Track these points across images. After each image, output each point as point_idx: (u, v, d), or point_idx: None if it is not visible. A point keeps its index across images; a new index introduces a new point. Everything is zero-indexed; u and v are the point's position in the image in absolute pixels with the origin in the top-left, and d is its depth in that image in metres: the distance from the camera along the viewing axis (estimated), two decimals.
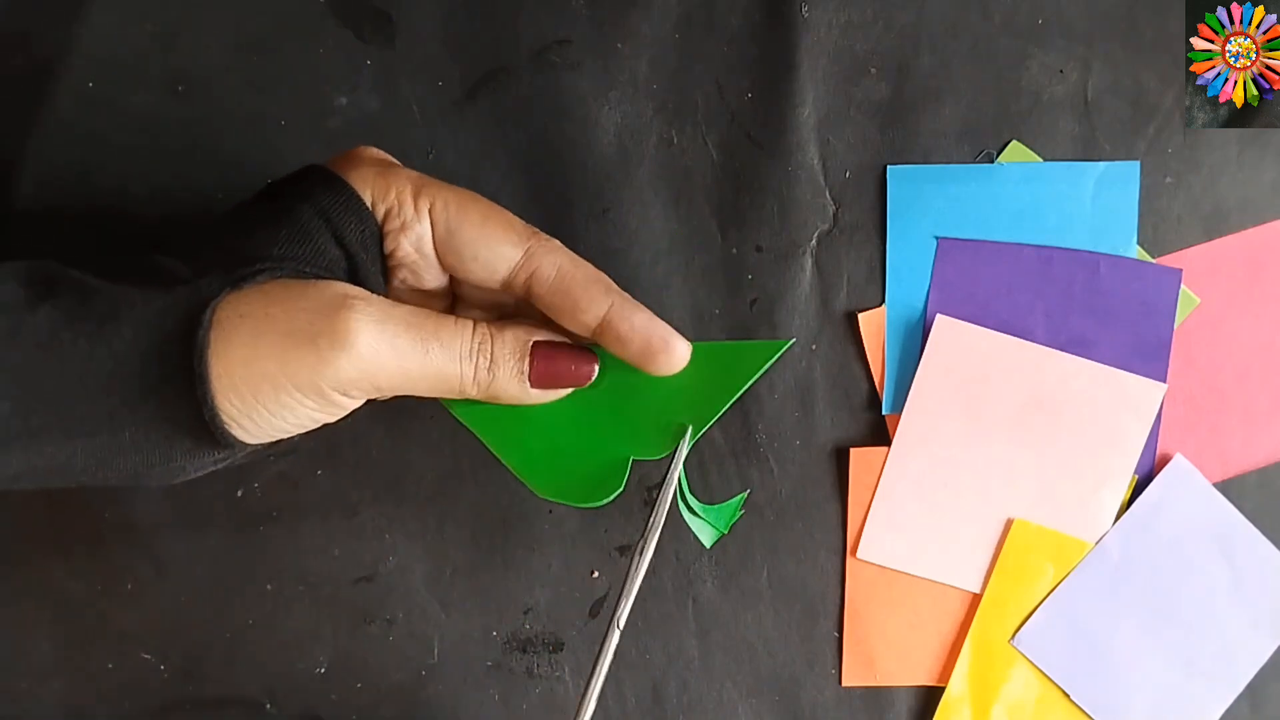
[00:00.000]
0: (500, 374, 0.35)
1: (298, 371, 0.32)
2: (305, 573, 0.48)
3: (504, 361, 0.35)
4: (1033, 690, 0.47)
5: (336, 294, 0.33)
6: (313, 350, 0.32)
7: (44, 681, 0.48)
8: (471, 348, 0.35)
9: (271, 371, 0.31)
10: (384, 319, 0.33)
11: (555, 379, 0.36)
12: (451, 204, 0.36)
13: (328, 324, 0.32)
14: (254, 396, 0.32)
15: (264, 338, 0.31)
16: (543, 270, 0.37)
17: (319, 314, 0.32)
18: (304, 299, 0.32)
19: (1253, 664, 0.47)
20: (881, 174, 0.47)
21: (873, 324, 0.47)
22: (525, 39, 0.47)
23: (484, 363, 0.35)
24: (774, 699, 0.48)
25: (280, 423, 0.33)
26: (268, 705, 0.48)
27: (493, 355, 0.35)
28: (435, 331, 0.34)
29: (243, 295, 0.32)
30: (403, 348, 0.33)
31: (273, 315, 0.32)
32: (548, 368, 0.36)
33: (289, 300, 0.32)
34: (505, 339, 0.36)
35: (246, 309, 0.32)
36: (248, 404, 0.32)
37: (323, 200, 0.35)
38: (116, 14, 0.46)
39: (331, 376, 0.32)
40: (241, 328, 0.32)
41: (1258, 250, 0.47)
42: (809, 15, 0.47)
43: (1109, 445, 0.46)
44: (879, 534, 0.47)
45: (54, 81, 0.46)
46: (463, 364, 0.34)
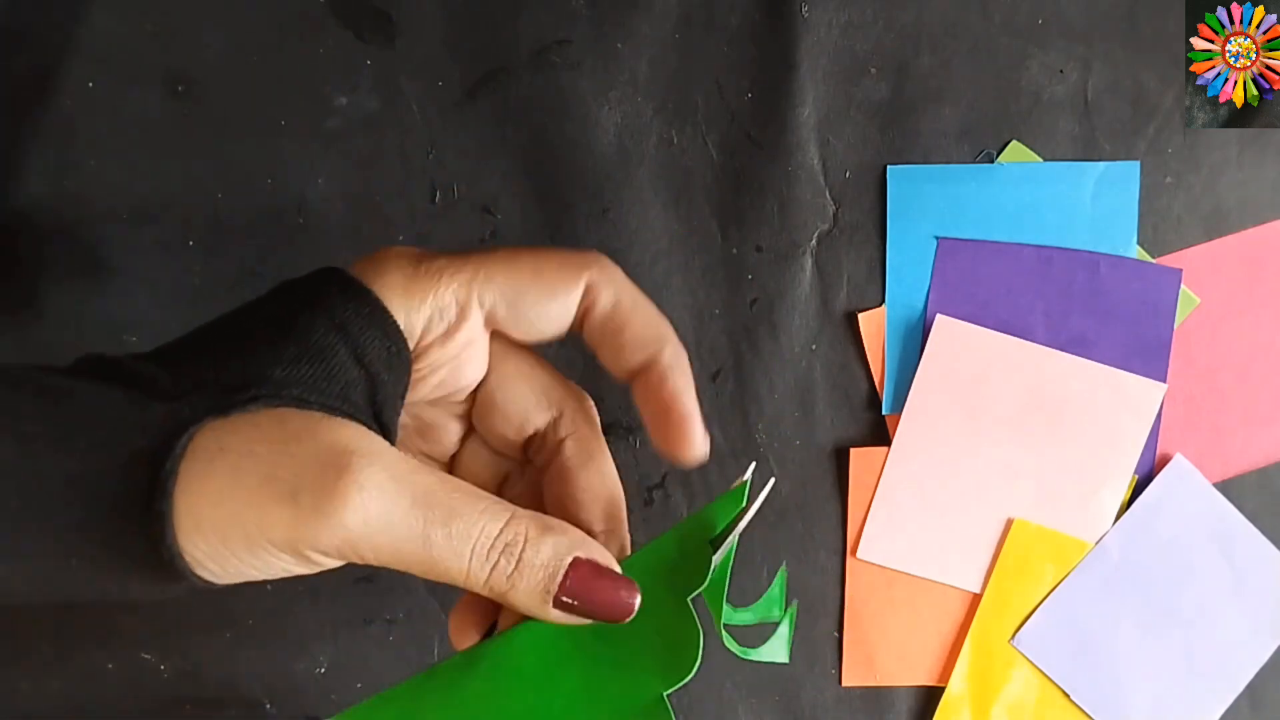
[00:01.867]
0: (523, 585, 0.29)
1: (272, 527, 0.27)
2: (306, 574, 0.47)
3: (531, 572, 0.29)
4: (1033, 690, 0.47)
5: (336, 446, 0.27)
6: (292, 507, 0.26)
7: (44, 681, 0.48)
8: (494, 545, 0.28)
9: (245, 521, 0.27)
10: (386, 488, 0.27)
11: (587, 608, 0.29)
12: (498, 276, 0.32)
13: (316, 481, 0.27)
14: (222, 542, 0.27)
15: (242, 479, 0.27)
16: (600, 302, 0.33)
17: (309, 467, 0.27)
18: (296, 442, 0.27)
19: (1253, 664, 0.47)
20: (881, 174, 0.47)
21: (873, 324, 0.47)
22: (525, 39, 0.47)
23: (507, 567, 0.29)
24: (774, 699, 0.48)
25: (250, 571, 0.28)
26: (268, 705, 0.48)
27: (520, 561, 0.29)
28: (447, 516, 0.28)
29: (228, 424, 0.27)
30: (399, 526, 0.27)
31: (256, 454, 0.27)
32: (583, 591, 0.29)
33: (279, 440, 0.27)
34: (542, 548, 0.29)
35: (229, 441, 0.27)
36: (215, 549, 0.27)
37: (342, 313, 0.30)
38: (116, 14, 0.46)
39: (309, 540, 0.27)
40: (219, 463, 0.27)
41: (1258, 250, 0.47)
42: (809, 15, 0.47)
43: (1109, 445, 0.46)
44: (879, 534, 0.47)
45: (54, 81, 0.46)
46: (473, 561, 0.28)
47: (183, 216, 0.47)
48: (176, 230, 0.46)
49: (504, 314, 0.32)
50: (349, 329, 0.30)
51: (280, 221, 0.47)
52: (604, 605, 0.30)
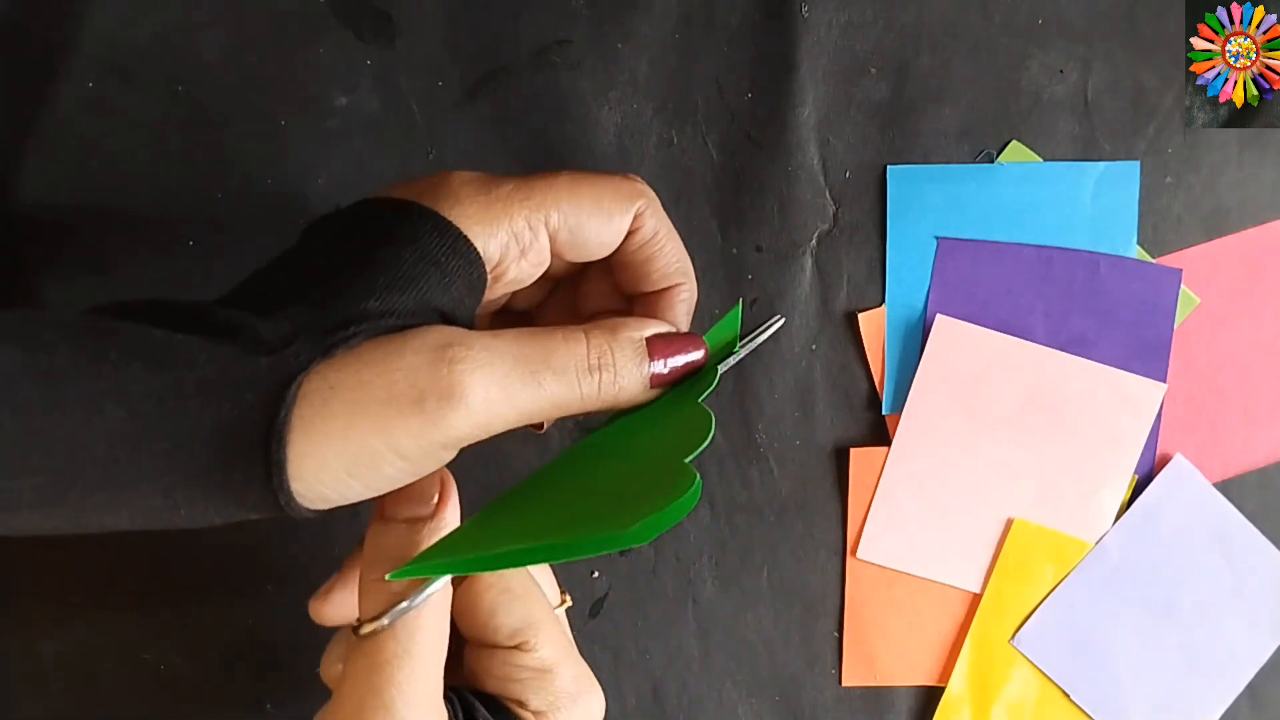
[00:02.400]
0: (625, 383, 0.32)
1: (403, 439, 0.29)
2: (305, 573, 0.47)
3: (627, 370, 0.32)
4: (1033, 690, 0.47)
5: (436, 344, 0.30)
6: (419, 414, 0.29)
7: (44, 681, 0.48)
8: (590, 364, 0.32)
9: (373, 445, 0.29)
10: (491, 360, 0.30)
11: (676, 373, 0.34)
12: (565, 206, 0.33)
13: (433, 382, 0.29)
14: (348, 473, 0.29)
15: (361, 408, 0.28)
16: (642, 231, 0.35)
17: (420, 372, 0.29)
18: (400, 356, 0.29)
19: (1253, 664, 0.47)
20: (881, 174, 0.47)
21: (873, 324, 0.47)
22: (525, 39, 0.47)
23: (609, 378, 0.32)
24: (774, 699, 0.48)
25: (371, 492, 0.30)
26: (267, 705, 0.48)
27: (616, 366, 0.32)
28: (545, 358, 0.31)
29: (337, 363, 0.29)
30: (514, 387, 0.30)
31: (367, 382, 0.29)
32: (668, 362, 0.33)
33: (385, 361, 0.29)
34: (622, 344, 0.33)
35: (337, 378, 0.29)
36: (338, 480, 0.29)
37: (427, 245, 0.31)
38: (116, 14, 0.46)
39: (442, 436, 0.29)
40: (334, 400, 0.28)
41: (1258, 250, 0.47)
42: (809, 15, 0.47)
43: (1109, 445, 0.46)
44: (879, 534, 0.47)
45: (54, 81, 0.46)
46: (582, 384, 0.31)
47: (183, 216, 0.47)
48: (176, 230, 0.46)
49: (566, 238, 0.34)
50: (438, 261, 0.31)
51: (280, 221, 0.47)
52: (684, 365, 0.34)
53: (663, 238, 0.36)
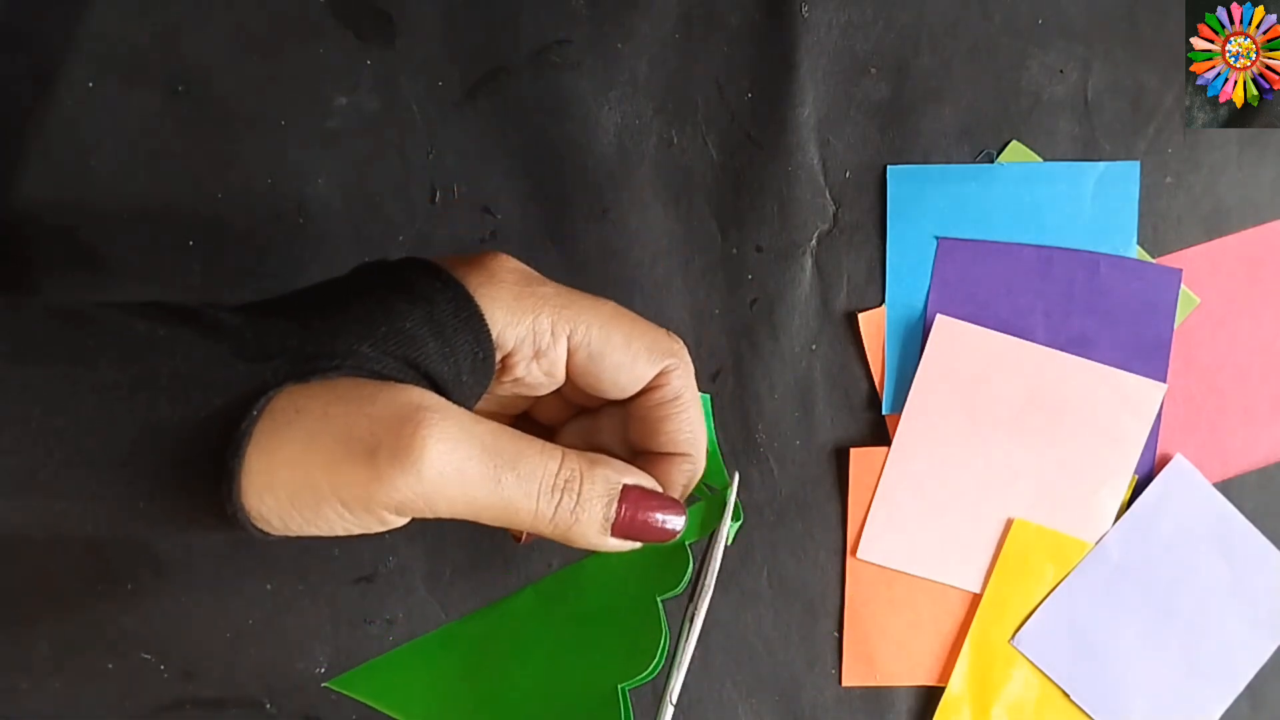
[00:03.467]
0: (584, 517, 0.31)
1: (347, 486, 0.28)
2: (305, 573, 0.48)
3: (590, 504, 0.31)
4: (1033, 690, 0.47)
5: (408, 402, 0.29)
6: (369, 465, 0.28)
7: (44, 681, 0.48)
8: (555, 484, 0.30)
9: (317, 480, 0.28)
10: (458, 439, 0.28)
11: (641, 530, 0.32)
12: (595, 328, 0.33)
13: (391, 436, 0.28)
14: (290, 502, 0.28)
15: (317, 440, 0.28)
16: (666, 391, 0.35)
17: (384, 423, 0.28)
18: (371, 403, 0.28)
19: (1253, 664, 0.47)
20: (881, 174, 0.47)
21: (873, 324, 0.47)
22: (525, 39, 0.47)
23: (569, 503, 0.31)
24: (774, 699, 0.48)
25: (312, 529, 0.29)
26: (268, 705, 0.48)
27: (580, 495, 0.31)
28: (513, 460, 0.30)
29: (307, 389, 0.29)
30: (471, 473, 0.29)
31: (331, 416, 0.28)
32: (636, 516, 0.32)
33: (353, 401, 0.28)
34: (596, 479, 0.31)
35: (305, 404, 0.28)
36: (282, 507, 0.28)
37: (440, 310, 0.31)
38: (116, 14, 0.46)
39: (385, 497, 0.28)
40: (295, 425, 0.28)
41: (1258, 250, 0.47)
42: (809, 15, 0.47)
43: (1109, 445, 0.46)
44: (879, 534, 0.47)
45: (54, 81, 0.46)
46: (540, 500, 0.30)
47: (183, 216, 0.47)
48: (176, 230, 0.46)
49: (584, 361, 0.33)
50: (445, 328, 0.31)
51: (280, 221, 0.47)
52: (654, 527, 0.32)
53: (685, 404, 0.35)
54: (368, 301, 0.31)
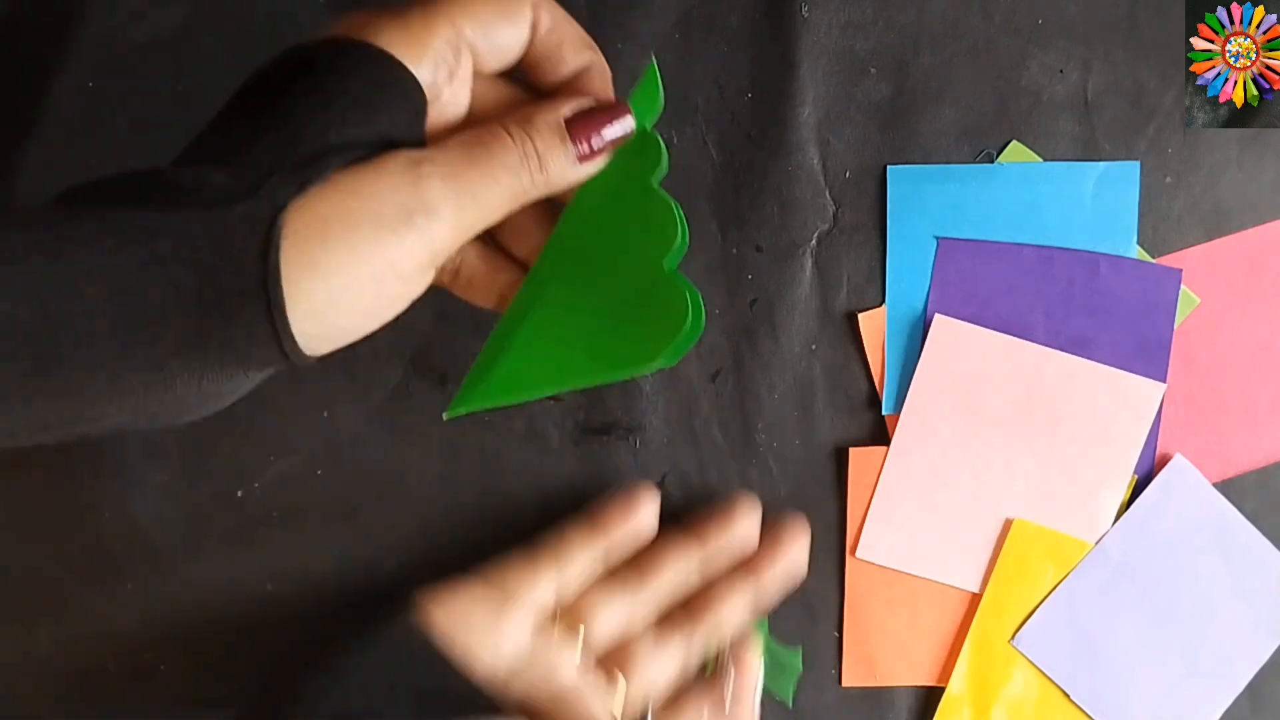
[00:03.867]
0: (550, 160, 0.34)
1: (400, 257, 0.30)
2: (305, 573, 0.47)
3: (551, 152, 0.34)
4: (1033, 690, 0.47)
5: (406, 164, 0.31)
6: (411, 230, 0.30)
7: (44, 681, 0.48)
8: (524, 151, 0.33)
9: (375, 266, 0.30)
10: (455, 171, 0.32)
11: (602, 144, 0.35)
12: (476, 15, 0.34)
13: (415, 199, 0.30)
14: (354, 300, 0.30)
15: (359, 234, 0.30)
16: (542, 24, 0.36)
17: (402, 190, 0.31)
18: (378, 180, 0.31)
19: (1253, 664, 0.47)
20: (881, 174, 0.47)
21: (873, 324, 0.47)
22: None
23: (534, 164, 0.33)
24: (774, 699, 0.48)
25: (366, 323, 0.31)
26: None
27: (539, 151, 0.33)
28: (488, 156, 0.32)
29: (314, 197, 0.30)
30: (479, 190, 0.32)
31: (355, 209, 0.30)
32: (589, 136, 0.34)
33: (366, 188, 0.30)
34: (539, 129, 0.34)
35: (325, 210, 0.30)
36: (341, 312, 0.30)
37: (371, 76, 0.32)
38: (116, 14, 0.46)
39: (432, 247, 0.31)
40: (328, 234, 0.29)
41: (1258, 250, 0.47)
42: (809, 15, 0.47)
43: (1109, 445, 0.46)
44: (878, 534, 0.47)
45: (54, 81, 0.46)
46: (521, 174, 0.33)
47: None
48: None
49: (483, 46, 0.35)
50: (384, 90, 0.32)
51: None
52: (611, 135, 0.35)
53: (562, 25, 0.36)
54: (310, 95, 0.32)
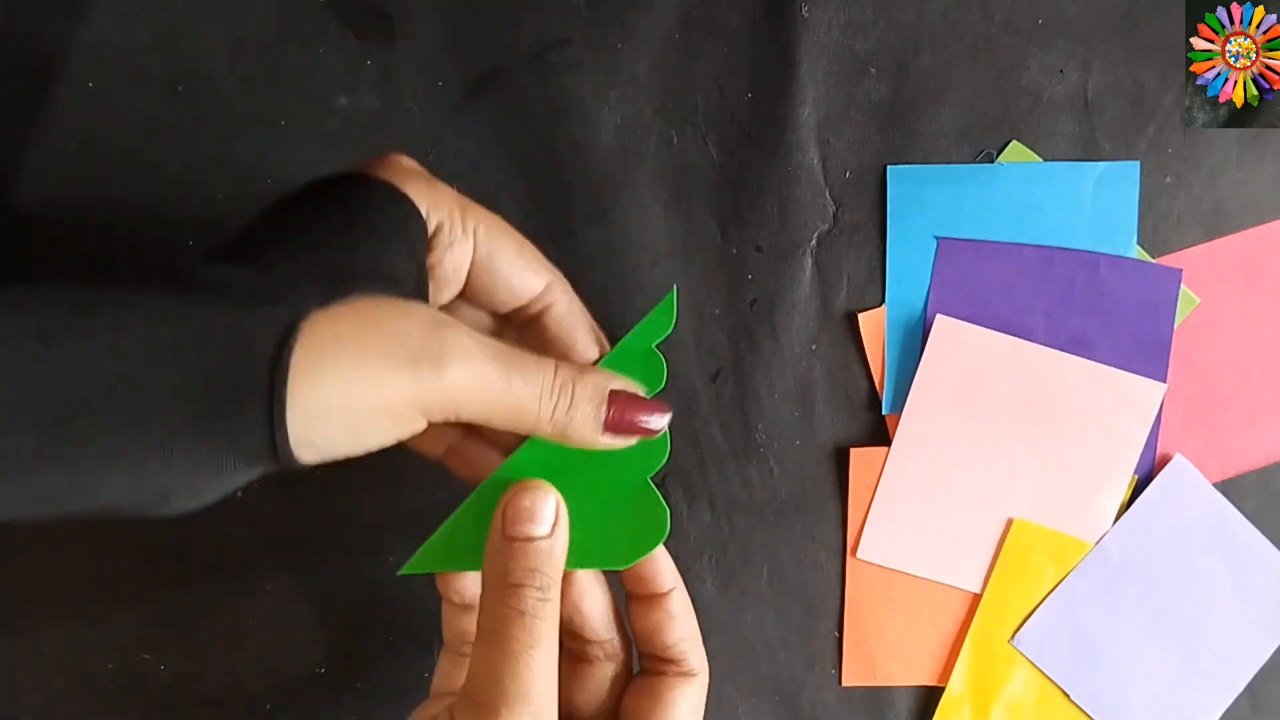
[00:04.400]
0: (579, 416, 0.35)
1: (394, 397, 0.31)
2: (305, 573, 0.48)
3: (584, 404, 0.35)
4: (1033, 690, 0.47)
5: (432, 316, 0.33)
6: (411, 375, 0.31)
7: (44, 681, 0.48)
8: (554, 386, 0.34)
9: (369, 397, 0.31)
10: (475, 347, 0.33)
11: (630, 427, 0.36)
12: (494, 227, 0.37)
13: (426, 347, 0.32)
14: (344, 422, 0.31)
15: (366, 361, 0.31)
16: (558, 307, 0.38)
17: (416, 339, 0.32)
18: (401, 320, 0.32)
19: (1253, 664, 0.47)
20: (881, 174, 0.47)
21: (873, 324, 0.47)
22: (525, 39, 0.47)
23: (565, 403, 0.35)
24: (774, 699, 0.48)
25: (353, 446, 0.32)
26: (268, 705, 0.48)
27: (574, 397, 0.35)
28: (520, 365, 0.34)
29: (334, 314, 0.31)
30: (490, 376, 0.33)
31: (370, 339, 0.31)
32: (624, 415, 0.36)
33: (385, 323, 0.32)
34: (586, 383, 0.35)
35: (342, 330, 0.31)
36: (333, 428, 0.31)
37: (392, 213, 0.34)
38: (116, 14, 0.46)
39: (424, 401, 0.32)
40: (339, 353, 0.31)
41: (1258, 250, 0.47)
42: (809, 15, 0.47)
43: (1109, 445, 0.46)
44: (879, 534, 0.47)
45: (54, 81, 0.46)
46: (543, 401, 0.34)
47: (183, 216, 0.47)
48: (176, 230, 0.46)
49: (483, 259, 0.37)
50: (404, 229, 0.34)
51: None
52: (642, 424, 0.36)
53: (578, 314, 0.39)
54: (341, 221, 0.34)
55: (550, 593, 0.34)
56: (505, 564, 0.35)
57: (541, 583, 0.34)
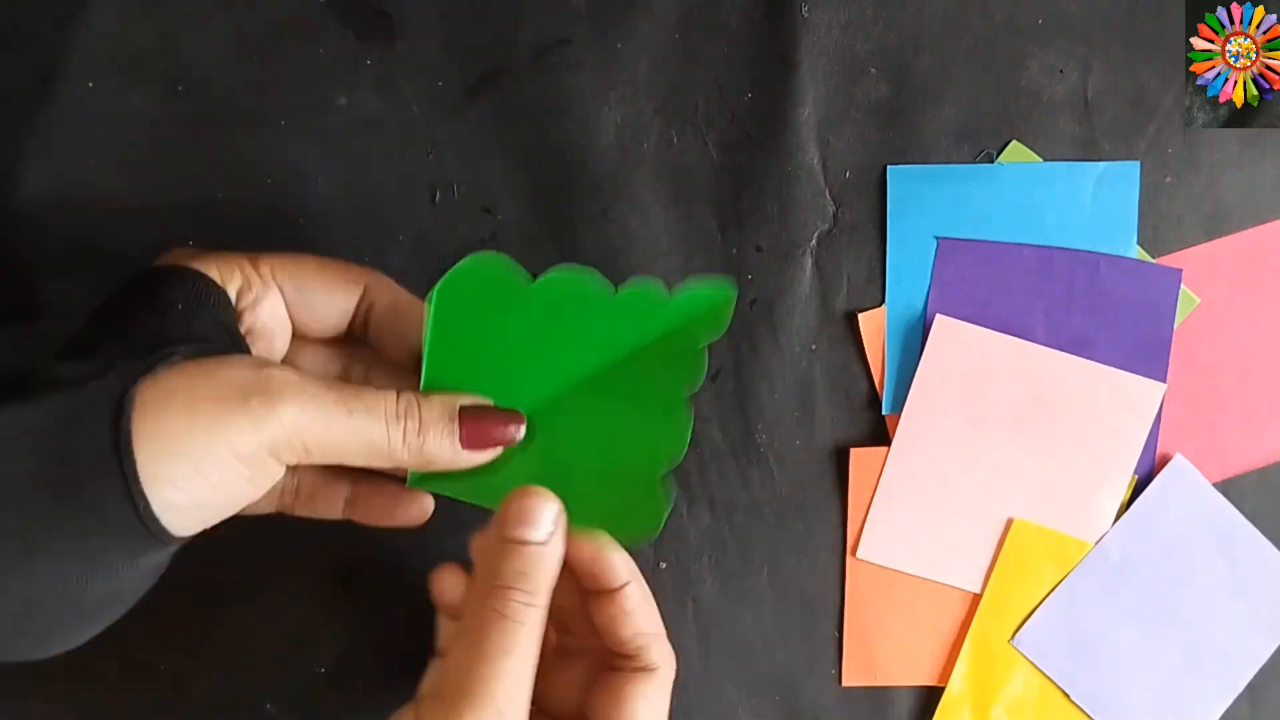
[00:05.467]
0: (431, 437, 0.35)
1: (236, 437, 0.32)
2: (306, 573, 0.48)
3: (434, 424, 0.35)
4: (1033, 690, 0.47)
5: (254, 361, 0.34)
6: (245, 411, 0.32)
7: (45, 683, 0.48)
8: (398, 410, 0.35)
9: (212, 443, 0.31)
10: (304, 380, 0.33)
11: (485, 439, 0.36)
12: (289, 264, 0.38)
13: (255, 385, 0.32)
14: (195, 469, 0.31)
15: (198, 408, 0.31)
16: (379, 304, 0.39)
17: (243, 376, 0.33)
18: (224, 369, 0.33)
19: (1253, 664, 0.47)
20: (881, 174, 0.47)
21: (873, 324, 0.47)
22: (525, 39, 0.47)
23: (413, 426, 0.35)
24: (774, 699, 0.48)
25: (219, 501, 0.33)
26: (268, 705, 0.48)
27: (421, 419, 0.35)
28: (357, 394, 0.34)
29: (160, 376, 0.32)
30: (327, 407, 0.33)
31: (197, 389, 0.32)
32: (477, 428, 0.36)
33: (210, 374, 0.33)
34: (433, 404, 0.36)
35: (169, 386, 0.32)
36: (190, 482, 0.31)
37: (192, 287, 0.36)
38: (116, 14, 0.46)
39: (267, 435, 0.32)
40: (172, 405, 0.31)
41: (1258, 250, 0.47)
42: (809, 15, 0.47)
43: (1109, 445, 0.46)
44: (879, 534, 0.47)
45: (54, 81, 0.46)
46: (390, 427, 0.35)
47: (183, 216, 0.47)
48: (176, 230, 0.46)
49: (294, 298, 0.38)
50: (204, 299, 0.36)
51: (280, 221, 0.47)
52: (498, 434, 0.36)
53: (403, 306, 0.39)
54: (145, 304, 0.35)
55: (537, 599, 0.34)
56: (496, 564, 0.34)
57: (529, 587, 0.34)
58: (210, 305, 0.36)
